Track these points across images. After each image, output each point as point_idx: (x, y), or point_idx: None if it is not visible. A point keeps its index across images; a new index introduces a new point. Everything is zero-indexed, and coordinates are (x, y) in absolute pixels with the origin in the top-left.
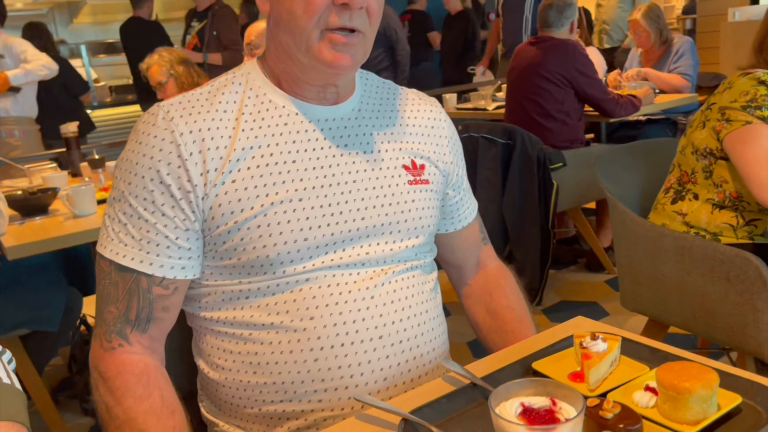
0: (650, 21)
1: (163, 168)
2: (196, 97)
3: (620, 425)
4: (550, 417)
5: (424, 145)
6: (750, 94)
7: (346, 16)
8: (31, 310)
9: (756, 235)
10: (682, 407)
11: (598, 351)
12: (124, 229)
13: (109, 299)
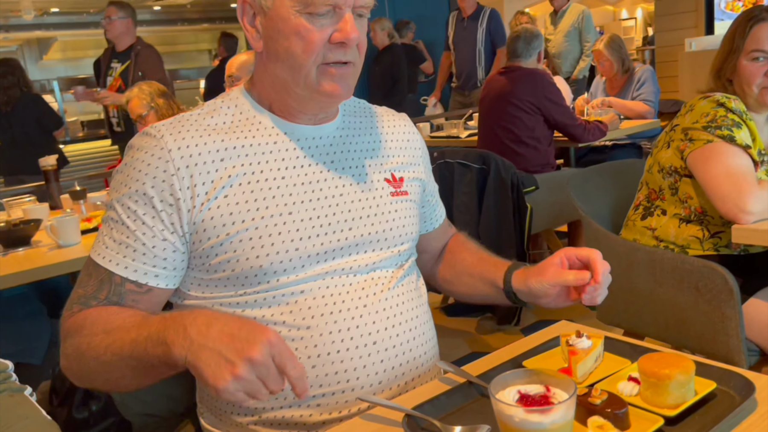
0: (612, 51)
1: (149, 180)
2: (186, 118)
3: (608, 409)
4: (546, 401)
5: (402, 158)
6: (710, 115)
7: (341, 53)
8: (15, 342)
9: (721, 247)
10: (663, 392)
11: (583, 347)
12: (110, 233)
13: (80, 284)
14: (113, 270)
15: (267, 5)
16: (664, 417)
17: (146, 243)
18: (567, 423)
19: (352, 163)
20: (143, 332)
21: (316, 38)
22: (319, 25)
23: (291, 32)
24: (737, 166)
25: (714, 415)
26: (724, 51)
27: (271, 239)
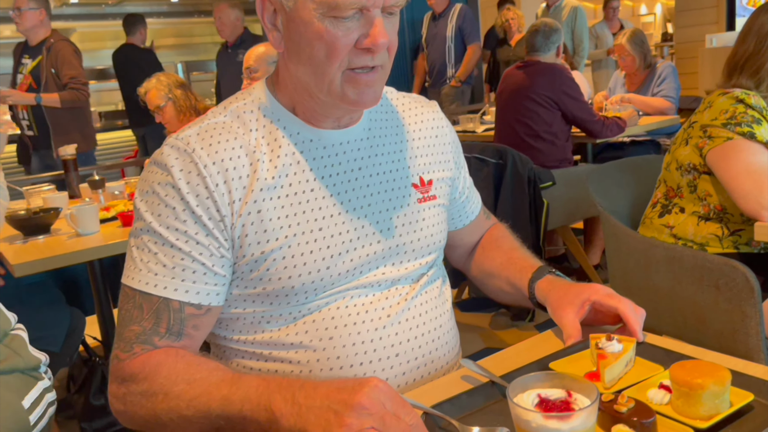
0: (635, 45)
1: (192, 199)
2: (212, 126)
3: (634, 418)
4: (566, 407)
5: (431, 156)
6: (729, 112)
7: (368, 58)
8: (34, 329)
9: (741, 245)
10: (696, 403)
11: (613, 351)
12: (155, 258)
13: (132, 320)
14: (171, 296)
15: (288, 5)
16: (695, 429)
17: (205, 263)
18: (587, 430)
19: (379, 168)
20: (238, 392)
21: (341, 44)
22: (344, 29)
23: (314, 37)
24: (758, 163)
25: (750, 428)
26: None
27: (303, 258)
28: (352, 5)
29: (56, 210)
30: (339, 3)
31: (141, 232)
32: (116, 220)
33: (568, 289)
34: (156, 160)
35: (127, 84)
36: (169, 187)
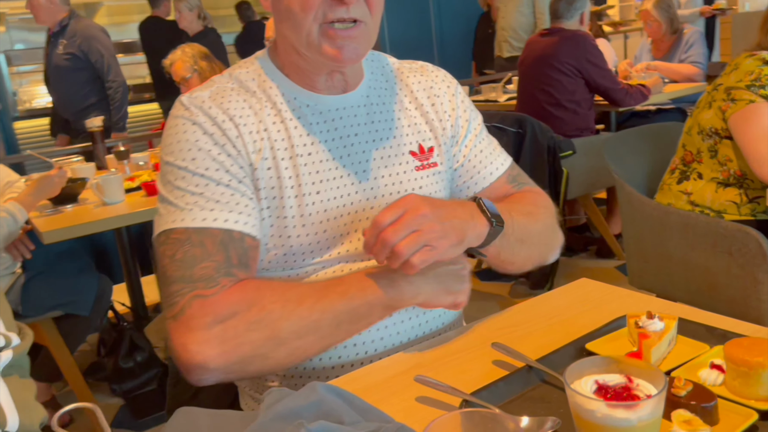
0: (661, 11)
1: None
2: (222, 89)
3: (693, 402)
4: (628, 394)
5: (432, 123)
6: (755, 74)
7: (343, 10)
8: (65, 294)
9: (759, 213)
10: (755, 383)
11: (655, 330)
12: (202, 198)
13: (197, 259)
14: (232, 228)
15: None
16: (758, 411)
17: (252, 197)
18: (655, 420)
19: (376, 135)
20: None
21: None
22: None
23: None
24: None
25: None
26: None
27: (302, 220)
28: None
29: (83, 180)
30: None
31: (177, 180)
32: (140, 189)
33: None
34: (177, 114)
35: (153, 56)
36: (199, 132)
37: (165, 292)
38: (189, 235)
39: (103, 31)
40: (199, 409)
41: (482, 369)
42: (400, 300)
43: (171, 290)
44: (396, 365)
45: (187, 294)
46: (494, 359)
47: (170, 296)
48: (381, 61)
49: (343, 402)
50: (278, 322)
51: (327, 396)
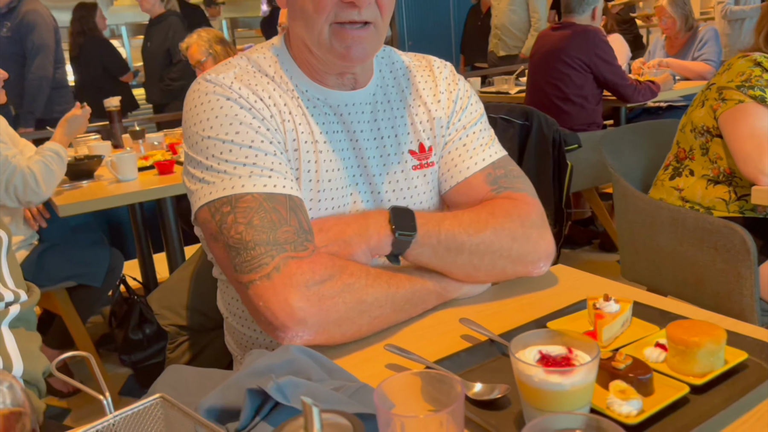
0: (676, 7)
1: (265, 119)
2: (245, 70)
3: (631, 374)
4: (567, 363)
5: (433, 114)
6: (745, 75)
7: (354, 12)
8: (78, 265)
9: (746, 210)
10: (691, 360)
11: (610, 311)
12: (257, 168)
13: (276, 224)
14: (291, 193)
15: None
16: (690, 385)
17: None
18: (588, 385)
19: (377, 134)
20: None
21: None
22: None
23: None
24: (764, 127)
25: (743, 385)
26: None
27: (311, 204)
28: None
29: (99, 157)
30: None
31: (224, 154)
32: (153, 168)
33: None
34: (206, 91)
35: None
36: (236, 107)
37: (244, 255)
38: (260, 202)
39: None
40: (188, 367)
41: (450, 341)
42: (448, 291)
43: (255, 253)
44: (371, 336)
45: (278, 255)
46: (462, 333)
47: (254, 258)
48: (391, 58)
49: (313, 362)
50: (365, 288)
51: (299, 356)
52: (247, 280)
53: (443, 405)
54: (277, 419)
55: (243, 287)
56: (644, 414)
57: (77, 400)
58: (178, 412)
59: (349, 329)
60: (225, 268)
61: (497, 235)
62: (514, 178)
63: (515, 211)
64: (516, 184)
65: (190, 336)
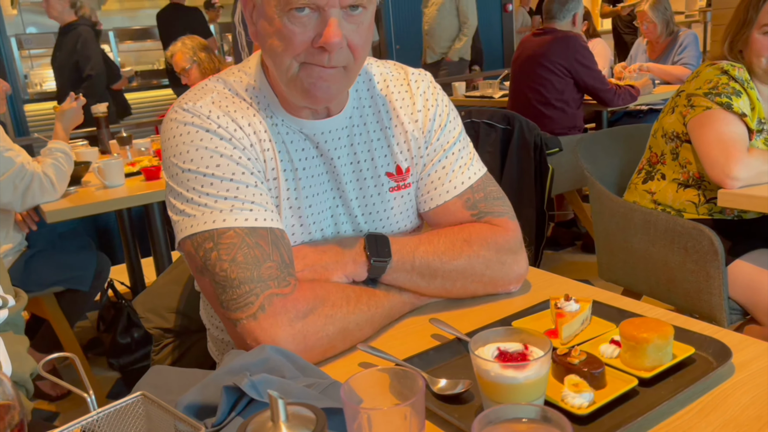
0: (657, 12)
1: (246, 148)
2: (222, 95)
3: (585, 369)
4: (522, 358)
5: (411, 143)
6: (713, 82)
7: (325, 57)
8: (65, 270)
9: (715, 212)
10: (641, 355)
11: (570, 310)
12: (238, 201)
13: (259, 260)
14: (272, 226)
15: (257, 1)
16: (639, 378)
17: (270, 199)
18: (540, 379)
19: (353, 158)
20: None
21: (297, 40)
22: (301, 26)
23: (274, 32)
24: (729, 132)
25: (689, 378)
26: (737, 22)
27: (293, 230)
28: (304, 2)
29: (86, 164)
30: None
31: (205, 187)
32: (140, 174)
33: None
34: (184, 121)
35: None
36: (216, 139)
37: (230, 293)
38: (242, 237)
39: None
40: (169, 367)
41: (420, 341)
42: (423, 299)
43: (240, 291)
44: None
45: (262, 293)
46: (432, 333)
47: (240, 297)
48: (368, 73)
49: (287, 361)
50: (347, 316)
51: (274, 355)
52: (235, 318)
53: (407, 399)
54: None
55: (230, 323)
56: (594, 405)
57: (65, 404)
58: (159, 409)
59: (332, 353)
60: (212, 301)
61: (471, 262)
62: (494, 201)
63: (492, 238)
64: (496, 208)
65: (175, 339)
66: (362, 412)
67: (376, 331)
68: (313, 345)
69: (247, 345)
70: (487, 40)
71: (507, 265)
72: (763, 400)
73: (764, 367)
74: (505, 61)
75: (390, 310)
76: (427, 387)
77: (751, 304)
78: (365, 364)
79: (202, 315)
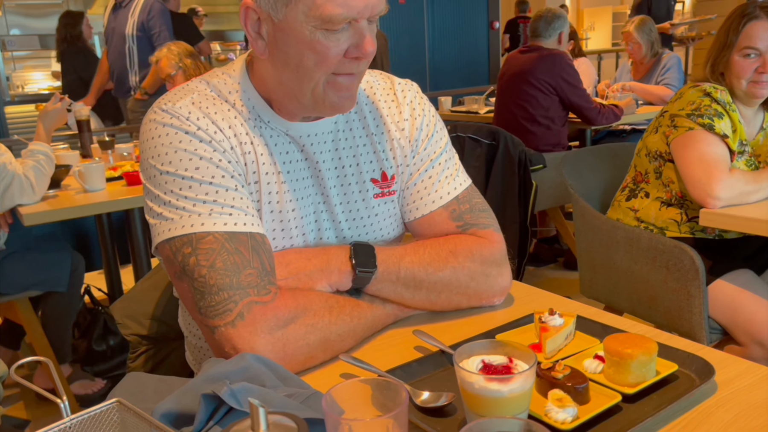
0: (642, 33)
1: (226, 151)
2: (203, 95)
3: (569, 383)
4: (507, 371)
5: (397, 151)
6: (695, 104)
7: (354, 65)
8: (39, 271)
9: (697, 231)
10: (625, 371)
11: (554, 325)
12: (217, 205)
13: (238, 267)
14: (253, 231)
15: (278, 17)
16: (623, 394)
17: (251, 202)
18: (525, 393)
19: (338, 163)
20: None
21: (332, 54)
22: (335, 40)
23: (305, 47)
24: (712, 153)
25: (672, 395)
26: (718, 45)
27: (274, 234)
28: (344, 19)
29: (67, 167)
30: (333, 17)
31: (183, 190)
32: (122, 179)
33: None
34: (163, 122)
35: None
36: (195, 141)
37: (208, 300)
38: (222, 242)
39: None
40: (147, 374)
41: (403, 352)
42: (406, 311)
43: (219, 298)
44: None
45: (241, 301)
46: (415, 345)
47: (219, 304)
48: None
49: (267, 369)
50: (329, 326)
51: (254, 364)
52: (213, 324)
53: (390, 411)
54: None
55: (208, 329)
56: (578, 420)
57: (36, 411)
58: (134, 417)
59: (312, 363)
60: (189, 307)
61: (456, 274)
62: (480, 213)
63: (478, 250)
64: (481, 220)
65: (152, 346)
66: (344, 423)
67: (358, 342)
68: (293, 354)
69: (225, 353)
70: (473, 56)
71: (492, 277)
72: (745, 419)
73: (747, 385)
74: (491, 78)
75: (373, 321)
76: (409, 399)
77: (731, 323)
78: (347, 375)
79: (181, 322)
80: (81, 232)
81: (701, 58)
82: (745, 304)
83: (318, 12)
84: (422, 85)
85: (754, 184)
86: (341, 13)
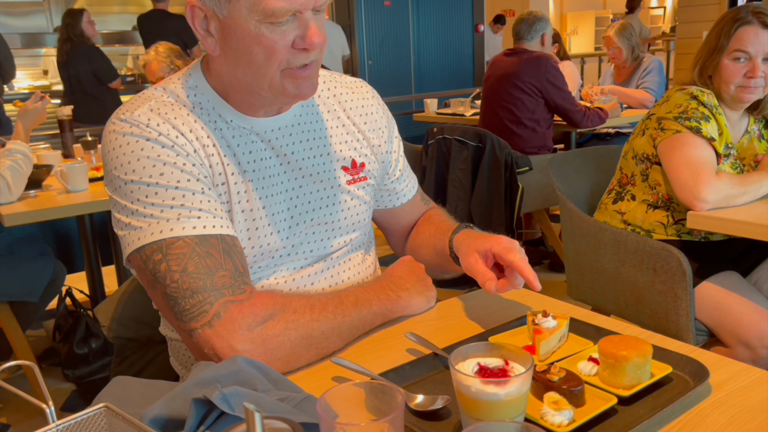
0: (623, 38)
1: (190, 154)
2: (161, 102)
3: (564, 386)
4: (503, 374)
5: (363, 141)
6: (682, 107)
7: (304, 56)
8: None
9: (683, 233)
10: (619, 373)
11: (548, 327)
12: (184, 209)
13: (211, 269)
14: (223, 233)
15: (222, 13)
16: (618, 396)
17: (221, 204)
18: (522, 396)
19: (309, 153)
20: (360, 295)
21: (279, 47)
22: (281, 33)
23: (252, 42)
24: (698, 156)
25: (667, 397)
26: (707, 48)
27: (248, 233)
28: (287, 11)
29: (48, 167)
30: (275, 11)
31: (149, 197)
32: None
33: (477, 238)
34: (124, 132)
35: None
36: (158, 147)
37: (183, 304)
38: (192, 246)
39: None
40: (133, 378)
41: (395, 355)
42: (394, 312)
43: (193, 301)
44: None
45: (216, 302)
46: (408, 347)
47: (194, 307)
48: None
49: (259, 373)
50: (311, 323)
51: (245, 367)
52: (190, 328)
53: (385, 415)
54: (222, 429)
55: (186, 334)
56: (574, 423)
57: (17, 416)
58: (123, 422)
59: (296, 363)
60: (165, 314)
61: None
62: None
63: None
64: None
65: (138, 349)
66: (339, 427)
67: (345, 342)
68: (274, 350)
69: (204, 355)
70: (458, 59)
71: None
72: (740, 421)
73: (741, 387)
74: (476, 80)
75: (359, 321)
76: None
77: (717, 325)
78: (339, 378)
79: (162, 329)
80: (61, 232)
81: (683, 62)
82: (732, 305)
83: (261, 6)
84: (407, 87)
85: (741, 187)
86: (283, 6)
